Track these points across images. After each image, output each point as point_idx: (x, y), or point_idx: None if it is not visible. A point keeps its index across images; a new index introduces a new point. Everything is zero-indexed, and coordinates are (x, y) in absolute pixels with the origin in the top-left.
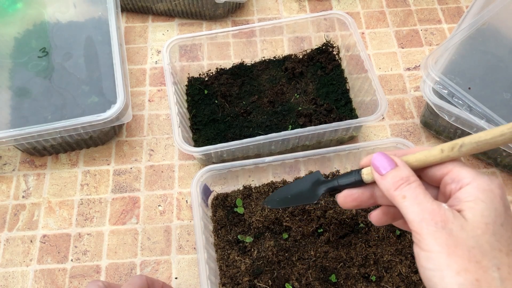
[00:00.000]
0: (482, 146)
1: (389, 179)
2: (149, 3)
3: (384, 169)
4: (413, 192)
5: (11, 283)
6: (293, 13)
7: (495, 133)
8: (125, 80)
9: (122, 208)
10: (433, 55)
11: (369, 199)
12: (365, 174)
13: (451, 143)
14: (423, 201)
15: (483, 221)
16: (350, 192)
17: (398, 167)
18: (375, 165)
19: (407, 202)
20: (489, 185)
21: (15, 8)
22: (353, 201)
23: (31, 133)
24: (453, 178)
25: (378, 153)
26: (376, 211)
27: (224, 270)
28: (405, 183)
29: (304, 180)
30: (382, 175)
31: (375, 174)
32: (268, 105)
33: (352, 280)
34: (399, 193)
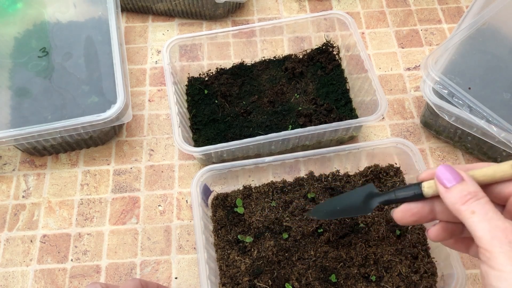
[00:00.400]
0: None
1: (456, 193)
2: (149, 3)
3: (449, 182)
4: (482, 208)
5: (11, 283)
6: (293, 13)
7: None
8: (125, 80)
9: (122, 208)
10: (433, 55)
11: (428, 214)
12: (427, 187)
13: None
14: (494, 218)
15: None
16: (409, 206)
17: (465, 181)
18: (439, 177)
19: (476, 218)
20: None
21: (15, 8)
22: (412, 216)
23: (31, 133)
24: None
25: (443, 165)
26: (435, 227)
27: (224, 270)
28: (474, 198)
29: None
30: (448, 188)
31: (439, 187)
32: (268, 105)
33: (352, 280)
34: (467, 207)
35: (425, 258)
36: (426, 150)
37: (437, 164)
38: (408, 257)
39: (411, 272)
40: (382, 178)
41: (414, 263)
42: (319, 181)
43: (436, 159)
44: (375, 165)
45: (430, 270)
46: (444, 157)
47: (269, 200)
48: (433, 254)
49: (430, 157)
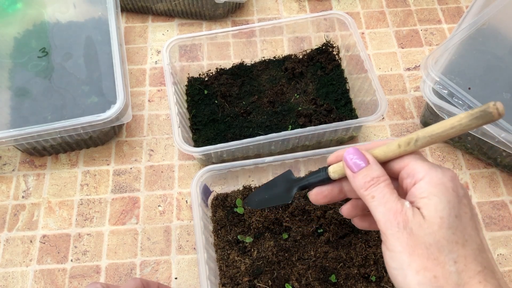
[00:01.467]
0: (435, 139)
1: (361, 179)
2: (149, 3)
3: (356, 167)
4: (381, 192)
5: (11, 283)
6: (293, 13)
7: (445, 126)
8: (125, 80)
9: (122, 208)
10: (433, 55)
11: (339, 194)
12: (332, 172)
13: (408, 137)
14: (389, 200)
15: (437, 215)
16: (320, 189)
17: (369, 166)
18: (347, 162)
19: (375, 202)
20: (440, 178)
21: (15, 8)
22: (324, 198)
23: (31, 133)
24: (408, 172)
25: (349, 150)
26: (346, 205)
27: (224, 270)
28: (375, 183)
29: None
30: (355, 172)
31: (347, 171)
32: (268, 105)
33: (352, 280)
34: (368, 193)
35: None
36: (426, 150)
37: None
38: None
39: None
40: None
41: None
42: None
43: (436, 159)
44: None
45: None
46: (444, 157)
47: None
48: None
49: (430, 157)
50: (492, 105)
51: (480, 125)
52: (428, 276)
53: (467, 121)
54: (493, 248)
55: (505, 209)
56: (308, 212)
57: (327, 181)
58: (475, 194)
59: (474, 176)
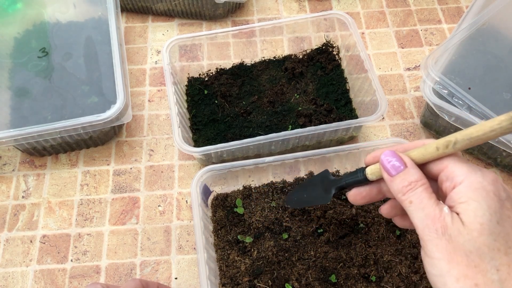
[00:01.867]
0: (474, 141)
1: (399, 183)
2: (149, 3)
3: (394, 170)
4: (418, 197)
5: (11, 283)
6: (293, 13)
7: (485, 129)
8: (125, 80)
9: (122, 208)
10: (433, 55)
11: (377, 195)
12: (370, 174)
13: (445, 140)
14: (427, 205)
15: (477, 221)
16: (359, 190)
17: (407, 169)
18: (385, 166)
19: (412, 207)
20: (480, 182)
21: (15, 8)
22: (362, 199)
23: (31, 133)
24: (447, 175)
25: (387, 152)
26: (385, 205)
27: (224, 270)
28: (413, 188)
29: (316, 179)
30: (392, 176)
31: (384, 174)
32: (268, 105)
33: (352, 280)
34: (406, 198)
35: None
36: None
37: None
38: (408, 257)
39: (411, 272)
40: None
41: (414, 263)
42: None
43: None
44: None
45: None
46: None
47: (269, 200)
48: None
49: None
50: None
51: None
52: (469, 284)
53: (508, 124)
54: None
55: None
56: (308, 212)
57: (365, 182)
58: None
59: None
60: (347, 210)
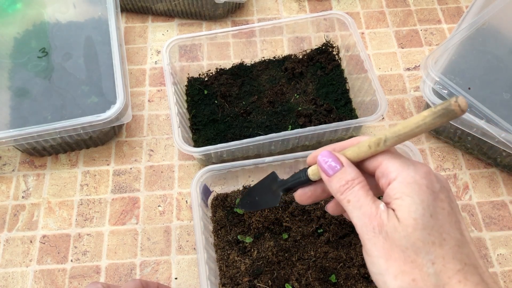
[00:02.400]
0: (403, 138)
1: (336, 183)
2: (149, 3)
3: (331, 170)
4: (355, 196)
5: (11, 283)
6: (293, 13)
7: (411, 126)
8: (125, 80)
9: (122, 208)
10: (433, 55)
11: (322, 193)
12: (311, 174)
13: (377, 138)
14: (364, 204)
15: (411, 217)
16: (304, 191)
17: (343, 169)
18: (322, 167)
19: (350, 206)
20: (413, 177)
21: (15, 8)
22: (308, 199)
23: (31, 134)
24: (382, 172)
25: (323, 152)
26: (330, 203)
27: (224, 271)
28: (350, 187)
29: (265, 182)
30: (330, 176)
31: (322, 175)
32: (268, 105)
33: (352, 280)
34: (344, 197)
35: None
36: (426, 150)
37: (437, 164)
38: None
39: None
40: None
41: None
42: None
43: (436, 159)
44: None
45: None
46: (444, 157)
47: None
48: None
49: (430, 157)
50: (453, 101)
51: (445, 122)
52: (407, 280)
53: (431, 120)
54: (493, 248)
55: (505, 209)
56: (308, 212)
57: (308, 182)
58: (475, 194)
59: (474, 176)
60: None
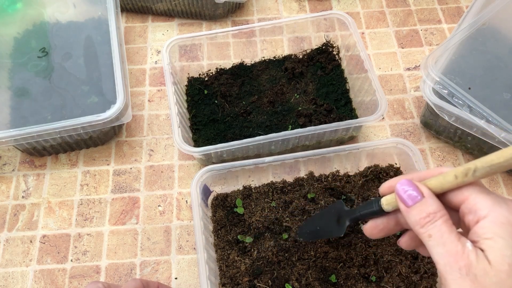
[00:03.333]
0: (496, 169)
1: (416, 215)
2: (149, 3)
3: (411, 200)
4: (438, 231)
5: (11, 283)
6: (293, 13)
7: (507, 156)
8: (125, 80)
9: (122, 208)
10: (433, 55)
11: (395, 227)
12: (385, 204)
13: (465, 168)
14: (448, 241)
15: (506, 262)
16: (375, 223)
17: (424, 200)
18: (400, 196)
19: (432, 241)
20: (506, 217)
21: (15, 8)
22: (379, 232)
23: (31, 133)
24: (469, 208)
25: (402, 181)
26: (404, 237)
27: (224, 271)
28: (432, 220)
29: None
30: (408, 207)
31: (401, 205)
32: (268, 105)
33: (352, 280)
34: (425, 231)
35: (425, 258)
36: (426, 150)
37: (437, 164)
38: (408, 257)
39: (411, 273)
40: (382, 179)
41: (414, 263)
42: (319, 181)
43: (436, 159)
44: (375, 165)
45: (430, 271)
46: (444, 157)
47: (269, 200)
48: None
49: (430, 157)
50: None
51: None
52: None
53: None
54: None
55: None
56: (308, 212)
57: (381, 213)
58: None
59: None
60: None
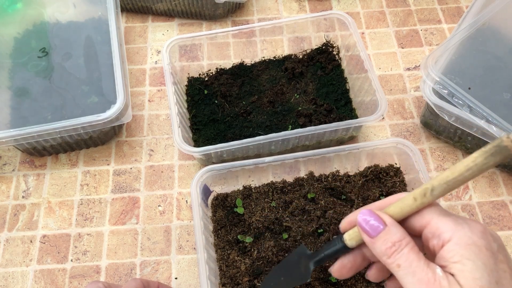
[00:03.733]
0: (452, 185)
1: (381, 245)
2: (149, 3)
3: (373, 231)
4: (406, 260)
5: (11, 283)
6: (293, 13)
7: (460, 170)
8: (125, 80)
9: (122, 208)
10: (433, 55)
11: (363, 262)
12: (348, 240)
13: (422, 189)
14: (417, 269)
15: (477, 285)
16: (342, 263)
17: (387, 228)
18: (363, 227)
19: (401, 271)
20: (470, 237)
21: (15, 8)
22: (349, 271)
23: (31, 133)
24: (432, 232)
25: (363, 211)
26: (372, 270)
27: (224, 270)
28: (398, 249)
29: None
30: (373, 238)
31: (364, 237)
32: (268, 105)
33: (352, 280)
34: (392, 261)
35: None
36: (426, 150)
37: (437, 164)
38: None
39: None
40: (382, 179)
41: None
42: (319, 181)
43: (436, 159)
44: (375, 165)
45: None
46: (444, 157)
47: (269, 200)
48: None
49: (430, 157)
50: (505, 138)
51: (498, 161)
52: None
53: (483, 160)
54: None
55: (505, 209)
56: (308, 212)
57: (346, 250)
58: (475, 194)
59: None
60: (347, 210)
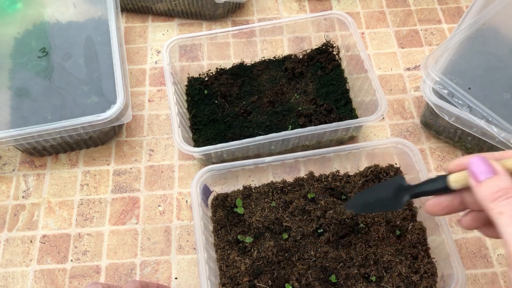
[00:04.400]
0: None
1: (487, 188)
2: (149, 3)
3: (482, 175)
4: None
5: (11, 283)
6: (293, 13)
7: None
8: (125, 80)
9: (122, 208)
10: (433, 55)
11: (459, 206)
12: (453, 181)
13: None
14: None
15: None
16: (439, 200)
17: (498, 175)
18: (472, 170)
19: (503, 219)
20: None
21: (15, 8)
22: (442, 210)
23: (31, 133)
24: None
25: (476, 157)
26: (466, 217)
27: (224, 270)
28: (504, 196)
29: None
30: (479, 182)
31: (471, 180)
32: (268, 105)
33: (352, 280)
34: (495, 206)
35: (425, 258)
36: (426, 150)
37: (437, 164)
38: (408, 257)
39: (411, 273)
40: (382, 178)
41: (414, 263)
42: (319, 181)
43: (436, 159)
44: (375, 165)
45: (430, 270)
46: (444, 157)
47: (269, 200)
48: (433, 254)
49: (430, 157)
50: None
51: None
52: None
53: None
54: (493, 248)
55: None
56: (308, 212)
57: (445, 191)
58: None
59: None
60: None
